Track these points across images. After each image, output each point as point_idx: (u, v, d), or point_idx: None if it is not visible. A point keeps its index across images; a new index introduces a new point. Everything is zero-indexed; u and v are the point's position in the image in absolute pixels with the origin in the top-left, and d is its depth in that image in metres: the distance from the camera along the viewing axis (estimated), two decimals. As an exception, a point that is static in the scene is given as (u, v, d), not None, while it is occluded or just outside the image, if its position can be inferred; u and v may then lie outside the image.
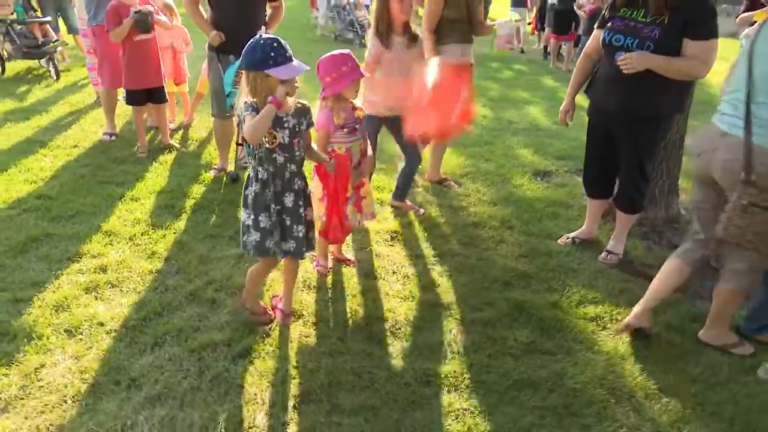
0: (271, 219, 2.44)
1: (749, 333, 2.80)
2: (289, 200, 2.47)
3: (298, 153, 2.45)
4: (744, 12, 5.57)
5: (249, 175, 2.46)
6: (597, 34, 3.26)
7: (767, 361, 2.58)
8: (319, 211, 2.89)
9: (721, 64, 4.03)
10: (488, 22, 4.56)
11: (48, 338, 2.52)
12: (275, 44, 2.21)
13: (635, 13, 3.02)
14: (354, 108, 2.92)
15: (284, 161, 2.41)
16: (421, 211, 3.95)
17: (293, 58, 2.25)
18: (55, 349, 2.47)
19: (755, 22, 5.05)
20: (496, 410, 2.28)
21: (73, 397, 2.22)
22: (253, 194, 2.43)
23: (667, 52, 2.91)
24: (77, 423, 2.10)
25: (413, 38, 3.65)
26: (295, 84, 2.29)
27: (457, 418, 2.23)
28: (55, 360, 2.41)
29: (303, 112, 2.43)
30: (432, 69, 3.35)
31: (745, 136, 2.38)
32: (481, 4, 4.13)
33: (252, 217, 2.45)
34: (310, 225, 2.60)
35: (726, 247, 2.58)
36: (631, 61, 2.94)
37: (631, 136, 3.22)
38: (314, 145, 2.65)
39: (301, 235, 2.53)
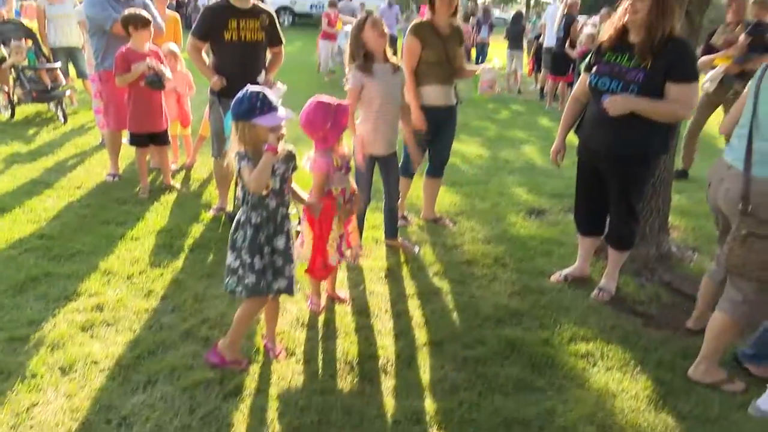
0: (263, 260, 2.51)
1: (744, 360, 2.83)
2: (281, 242, 2.56)
3: (287, 197, 2.57)
4: (702, 56, 5.73)
5: (239, 219, 2.54)
6: (584, 78, 3.37)
7: (758, 396, 2.57)
8: (306, 251, 2.98)
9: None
10: (472, 66, 4.63)
11: (42, 377, 2.55)
12: (260, 95, 2.34)
13: (620, 58, 3.13)
14: (343, 147, 3.03)
15: (276, 206, 2.51)
16: (416, 249, 4.01)
17: (278, 107, 2.37)
18: (48, 388, 2.49)
19: (715, 66, 5.16)
20: (484, 448, 2.28)
21: (63, 435, 2.24)
22: (245, 238, 2.50)
23: (650, 95, 3.01)
24: (67, 462, 2.12)
25: (395, 66, 3.63)
26: (282, 132, 2.40)
27: (445, 457, 2.24)
28: (47, 399, 2.43)
29: (290, 158, 2.54)
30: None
31: (744, 168, 2.55)
32: (461, 47, 4.20)
33: (247, 260, 2.50)
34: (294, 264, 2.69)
35: (729, 275, 2.65)
36: (616, 104, 3.04)
37: (619, 176, 3.29)
38: (296, 188, 2.72)
39: (292, 273, 2.62)
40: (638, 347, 3.01)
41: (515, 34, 12.38)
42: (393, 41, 11.04)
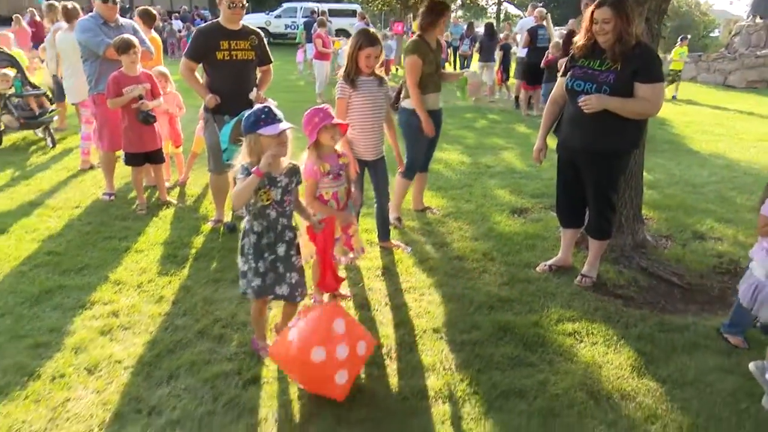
0: (266, 265, 2.71)
1: (723, 330, 3.11)
2: (281, 250, 2.73)
3: (288, 208, 2.73)
4: (562, 57, 6.12)
5: (245, 227, 2.74)
6: (561, 82, 3.68)
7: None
8: (309, 249, 3.16)
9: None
10: (450, 71, 5.10)
11: (70, 376, 2.72)
12: (265, 108, 2.57)
13: (592, 62, 3.45)
14: (338, 155, 3.24)
15: (276, 216, 2.68)
16: (408, 249, 4.24)
17: (282, 120, 2.57)
18: (77, 386, 2.66)
19: None
20: (486, 416, 2.51)
21: (99, 425, 2.41)
22: (250, 244, 2.71)
23: (621, 95, 3.32)
24: (105, 447, 2.29)
25: (380, 80, 3.91)
26: (285, 146, 2.59)
27: (452, 425, 2.46)
28: (78, 395, 2.60)
29: (293, 171, 2.72)
30: None
31: None
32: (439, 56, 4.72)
33: (252, 264, 2.71)
34: (302, 271, 2.86)
35: None
36: (591, 102, 3.34)
37: (595, 170, 3.59)
38: (302, 204, 2.91)
39: (293, 281, 2.78)
40: (620, 324, 3.27)
41: (486, 46, 12.81)
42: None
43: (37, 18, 14.64)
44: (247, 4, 4.51)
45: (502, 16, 34.89)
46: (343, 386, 2.51)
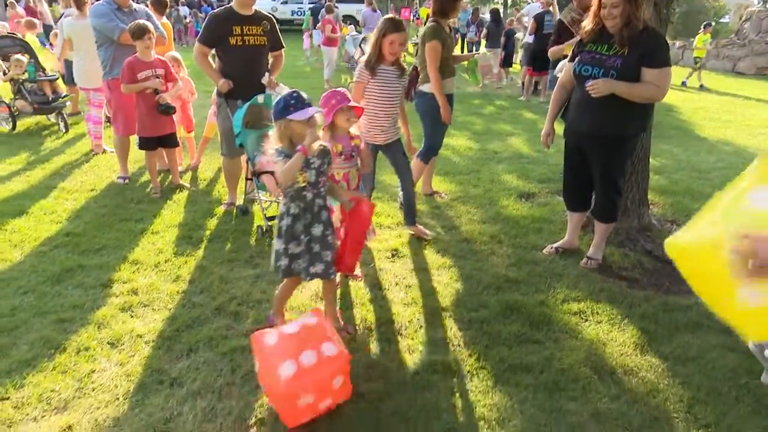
0: (300, 246, 2.76)
1: None
2: (317, 230, 2.78)
3: (322, 189, 2.78)
4: (553, 45, 6.07)
5: (281, 210, 2.79)
6: (569, 67, 3.73)
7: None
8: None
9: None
10: (459, 54, 5.13)
11: (94, 349, 2.83)
12: (294, 94, 2.64)
13: (600, 47, 3.50)
14: (351, 137, 3.31)
15: (312, 197, 2.74)
16: (430, 234, 4.28)
17: (311, 104, 2.64)
18: (101, 358, 2.78)
19: (566, 55, 5.28)
20: (494, 389, 2.61)
21: (123, 395, 2.53)
22: (285, 226, 2.76)
23: (628, 79, 3.37)
24: (130, 415, 2.41)
25: (401, 71, 3.97)
26: (315, 129, 2.65)
27: (461, 397, 2.56)
28: (102, 367, 2.72)
29: (325, 153, 2.77)
30: None
31: None
32: None
33: (283, 246, 2.76)
34: (335, 249, 2.90)
35: None
36: (598, 86, 3.39)
37: (601, 154, 3.65)
38: (334, 185, 2.97)
39: (329, 259, 2.83)
40: (624, 304, 3.36)
41: (493, 32, 12.78)
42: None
43: (32, 3, 14.70)
44: (259, -10, 4.56)
45: (509, 2, 34.61)
46: (302, 411, 2.33)
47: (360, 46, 11.62)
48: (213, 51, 4.53)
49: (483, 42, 14.75)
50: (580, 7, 6.14)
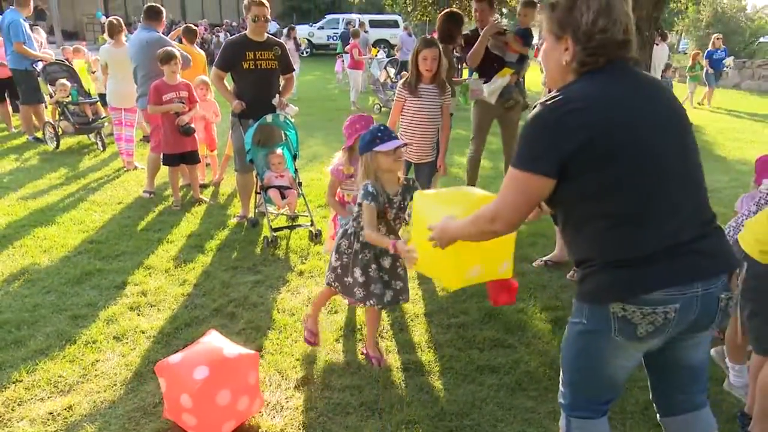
0: (367, 275, 2.76)
1: None
2: (386, 262, 2.82)
3: (397, 225, 2.76)
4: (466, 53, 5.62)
5: (347, 230, 2.83)
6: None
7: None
8: (329, 245, 3.45)
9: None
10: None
11: (101, 342, 3.14)
12: (381, 127, 2.67)
13: None
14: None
15: (386, 232, 2.67)
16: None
17: (396, 137, 2.65)
18: (106, 350, 3.08)
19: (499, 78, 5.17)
20: (459, 387, 2.78)
21: (121, 381, 2.81)
22: (351, 250, 2.79)
23: None
24: (125, 398, 2.69)
25: (442, 87, 4.07)
26: (401, 162, 2.69)
27: (426, 393, 2.74)
28: (106, 357, 3.01)
29: (407, 189, 2.75)
30: None
31: None
32: None
33: (349, 268, 2.79)
34: (406, 278, 2.91)
35: None
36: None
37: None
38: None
39: (399, 287, 2.86)
40: (602, 314, 3.46)
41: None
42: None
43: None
44: (270, 19, 4.93)
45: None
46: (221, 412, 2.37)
47: (385, 68, 12.00)
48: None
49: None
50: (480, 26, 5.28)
